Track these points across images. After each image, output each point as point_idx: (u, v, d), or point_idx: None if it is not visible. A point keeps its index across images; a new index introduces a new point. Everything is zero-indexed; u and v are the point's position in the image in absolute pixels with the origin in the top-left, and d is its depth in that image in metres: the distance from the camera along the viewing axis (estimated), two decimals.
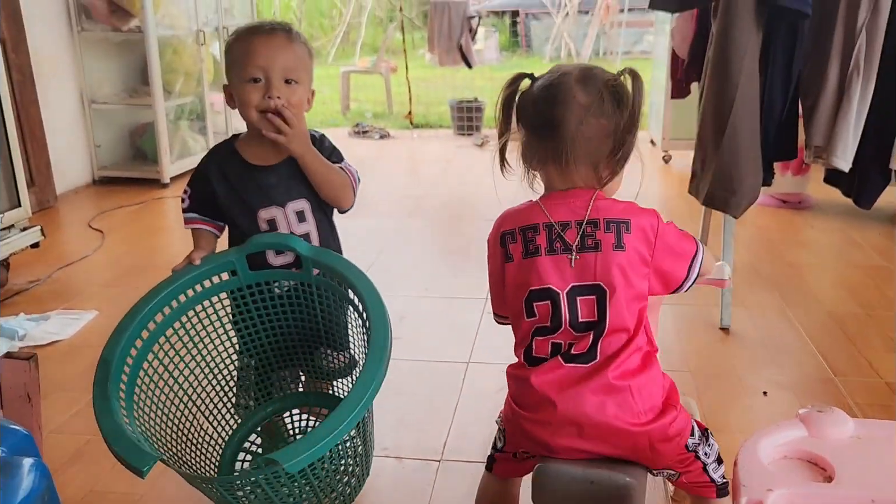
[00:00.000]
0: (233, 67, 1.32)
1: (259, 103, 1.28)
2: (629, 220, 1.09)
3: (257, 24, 1.33)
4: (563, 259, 1.08)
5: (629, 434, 1.02)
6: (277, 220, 1.36)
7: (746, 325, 2.30)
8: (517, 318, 1.11)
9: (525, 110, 1.15)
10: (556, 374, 1.05)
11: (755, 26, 1.91)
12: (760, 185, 2.02)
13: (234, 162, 1.36)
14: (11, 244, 2.61)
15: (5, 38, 3.25)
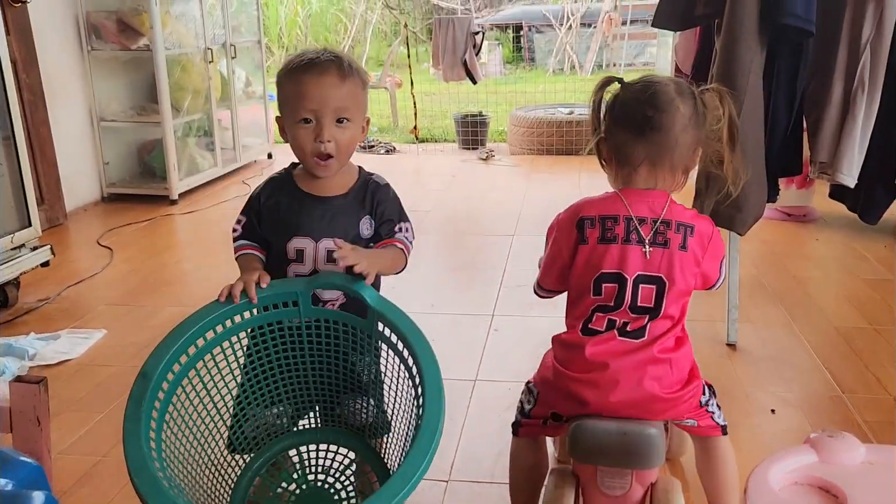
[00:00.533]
0: (284, 105, 1.30)
1: (312, 147, 1.27)
2: (694, 225, 1.27)
3: (309, 59, 1.28)
4: (636, 249, 1.24)
5: (662, 399, 1.22)
6: (305, 253, 1.33)
7: (753, 341, 2.30)
8: (581, 294, 1.27)
9: (626, 111, 1.29)
10: (610, 344, 1.23)
11: (759, 44, 1.93)
12: (765, 202, 2.03)
13: (288, 188, 1.36)
14: (22, 263, 2.63)
15: (17, 58, 3.29)
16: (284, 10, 11.35)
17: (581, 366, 1.24)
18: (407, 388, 1.22)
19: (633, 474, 1.25)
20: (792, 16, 1.81)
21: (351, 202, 1.34)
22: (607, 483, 1.26)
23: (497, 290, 2.76)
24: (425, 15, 12.04)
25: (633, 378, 1.21)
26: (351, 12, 11.71)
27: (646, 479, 1.26)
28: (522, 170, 4.66)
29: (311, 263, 1.32)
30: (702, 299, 2.60)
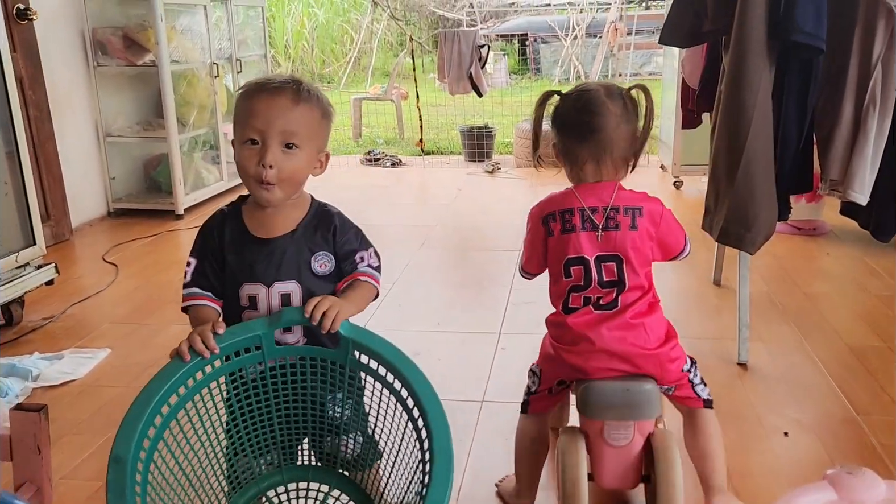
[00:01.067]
0: (235, 125, 1.24)
1: (254, 170, 1.20)
2: (642, 206, 1.46)
3: (265, 80, 1.23)
4: (592, 235, 1.44)
5: (644, 356, 1.41)
6: (259, 299, 1.26)
7: (764, 361, 2.26)
8: (557, 279, 1.49)
9: (566, 119, 1.48)
10: (588, 317, 1.43)
11: (768, 61, 1.90)
12: (776, 221, 2.00)
13: (234, 227, 1.28)
14: (26, 282, 2.62)
15: (23, 75, 3.29)
16: (291, 21, 11.39)
17: (569, 339, 1.45)
18: (398, 414, 1.20)
19: (634, 426, 1.44)
20: (802, 33, 1.79)
21: (299, 240, 1.27)
22: (613, 435, 1.45)
23: (504, 307, 2.73)
24: (431, 26, 12.06)
25: (613, 342, 1.41)
26: (357, 24, 11.75)
27: (645, 430, 1.45)
28: (529, 182, 4.64)
29: (266, 309, 1.26)
30: (711, 317, 2.57)
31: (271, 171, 1.19)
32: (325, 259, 1.29)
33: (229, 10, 4.37)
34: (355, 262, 1.31)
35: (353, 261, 1.31)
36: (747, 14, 1.84)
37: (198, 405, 1.20)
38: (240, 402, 1.24)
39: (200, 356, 1.16)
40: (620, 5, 10.32)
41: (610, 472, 1.48)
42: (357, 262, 1.31)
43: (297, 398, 1.26)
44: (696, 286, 2.87)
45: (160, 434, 1.13)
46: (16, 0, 3.28)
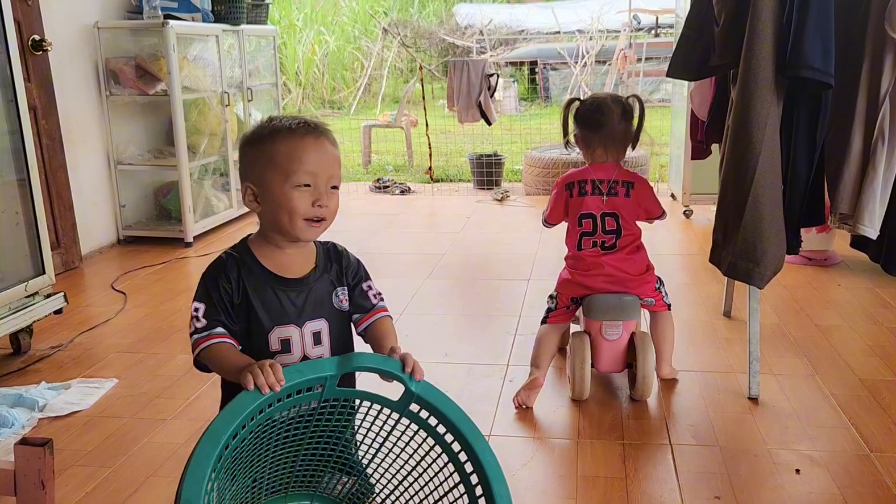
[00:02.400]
0: (274, 168, 1.21)
1: (307, 211, 1.21)
2: (634, 182, 2.19)
3: (300, 123, 1.24)
4: (599, 199, 2.16)
5: (632, 279, 2.15)
6: (292, 341, 1.26)
7: (775, 395, 2.24)
8: (573, 228, 2.20)
9: (583, 117, 2.18)
10: (595, 256, 2.17)
11: (775, 96, 1.90)
12: (784, 255, 1.99)
13: (254, 270, 1.25)
14: (35, 311, 2.63)
15: (36, 105, 3.33)
16: (302, 48, 11.52)
17: (584, 267, 2.18)
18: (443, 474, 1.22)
19: (623, 324, 2.15)
20: (810, 69, 1.79)
21: (323, 276, 1.30)
22: (608, 332, 2.15)
23: (512, 338, 2.71)
24: (441, 53, 12.17)
25: (613, 270, 2.14)
26: (367, 51, 11.87)
27: (629, 328, 2.16)
28: (538, 211, 4.62)
29: (300, 351, 1.26)
30: (722, 350, 2.55)
31: (323, 210, 1.23)
32: (343, 294, 1.32)
33: (241, 40, 4.42)
34: (369, 297, 1.35)
35: (366, 294, 1.35)
36: (755, 50, 1.84)
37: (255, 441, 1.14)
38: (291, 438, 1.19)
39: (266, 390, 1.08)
40: (630, 33, 10.40)
41: (605, 361, 2.19)
42: (372, 298, 1.35)
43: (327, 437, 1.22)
44: (707, 318, 2.84)
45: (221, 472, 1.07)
46: (31, 31, 3.33)
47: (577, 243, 2.19)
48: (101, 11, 3.89)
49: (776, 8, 1.88)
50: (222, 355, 1.19)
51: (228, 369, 1.17)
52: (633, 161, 5.02)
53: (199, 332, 1.21)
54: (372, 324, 1.34)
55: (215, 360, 1.20)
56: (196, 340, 1.21)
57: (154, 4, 3.85)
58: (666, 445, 1.99)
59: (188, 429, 2.13)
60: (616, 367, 2.20)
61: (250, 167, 1.25)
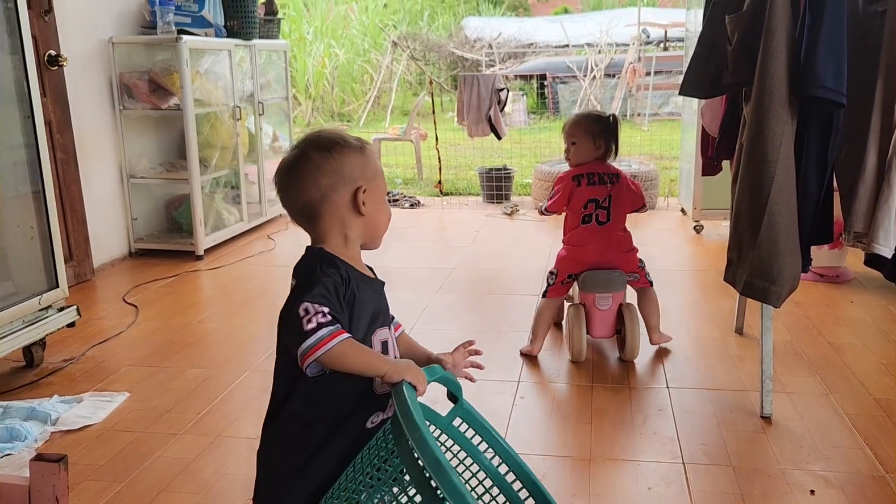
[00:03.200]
0: (380, 179, 1.30)
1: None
2: (619, 174, 2.66)
3: (354, 137, 1.30)
4: (600, 187, 2.62)
5: (620, 254, 2.62)
6: (389, 344, 1.27)
7: (789, 414, 2.22)
8: (577, 211, 2.63)
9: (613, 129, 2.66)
10: (593, 228, 2.62)
11: (789, 115, 1.90)
12: (800, 274, 1.98)
13: (352, 272, 1.22)
14: (48, 325, 2.64)
15: (51, 119, 3.36)
16: (312, 61, 11.60)
17: (577, 242, 2.64)
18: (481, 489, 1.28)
19: (612, 296, 2.59)
20: (823, 88, 1.79)
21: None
22: (600, 302, 2.59)
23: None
24: (450, 66, 12.23)
25: (605, 246, 2.60)
26: (377, 63, 11.94)
27: (618, 300, 2.61)
28: (547, 225, 4.64)
29: (393, 351, 1.28)
30: (734, 367, 2.54)
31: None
32: None
33: (253, 54, 4.46)
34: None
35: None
36: (769, 69, 1.84)
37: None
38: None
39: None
40: (639, 46, 10.43)
41: (598, 327, 2.62)
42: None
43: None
44: (718, 335, 2.83)
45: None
46: (48, 47, 3.37)
47: (579, 221, 2.63)
48: (115, 27, 3.93)
49: (789, 27, 1.88)
50: (358, 349, 1.14)
51: (365, 364, 1.13)
52: (643, 175, 5.02)
53: (327, 324, 1.11)
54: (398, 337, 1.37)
55: (349, 355, 1.12)
56: (329, 333, 1.10)
57: (168, 20, 3.89)
58: (679, 464, 1.97)
59: (199, 443, 2.14)
60: (607, 332, 2.65)
61: (360, 171, 1.25)
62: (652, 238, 4.28)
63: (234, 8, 4.23)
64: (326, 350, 1.10)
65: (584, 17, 14.27)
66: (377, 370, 1.14)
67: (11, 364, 2.67)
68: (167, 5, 3.90)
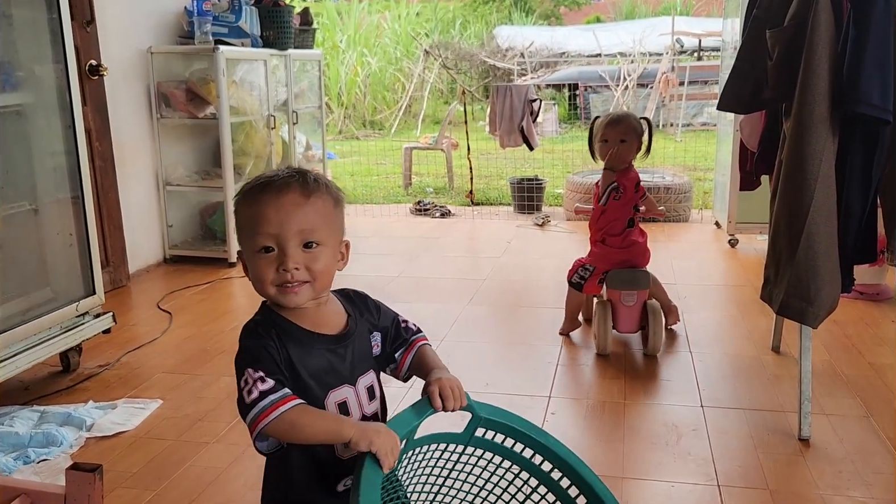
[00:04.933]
0: (242, 234, 1.11)
1: (274, 277, 1.08)
2: (640, 181, 2.81)
3: (267, 179, 1.11)
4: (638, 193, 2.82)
5: (642, 256, 2.81)
6: (349, 403, 1.14)
7: (828, 436, 2.17)
8: (627, 215, 2.78)
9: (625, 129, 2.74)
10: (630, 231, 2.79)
11: (830, 132, 1.86)
12: (839, 295, 1.93)
13: (293, 332, 1.11)
14: (84, 331, 2.68)
15: (91, 128, 3.43)
16: (345, 69, 11.69)
17: (621, 244, 2.79)
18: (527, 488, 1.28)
19: (637, 293, 2.72)
20: (868, 105, 1.75)
21: (360, 325, 1.19)
22: (626, 299, 2.72)
23: (554, 368, 2.68)
24: (481, 75, 12.24)
25: (636, 248, 2.79)
26: (409, 72, 11.99)
27: (643, 297, 2.74)
28: (578, 237, 4.60)
29: (357, 411, 1.16)
30: (771, 387, 2.48)
31: (299, 273, 1.08)
32: (377, 339, 1.23)
33: (288, 64, 4.50)
34: (408, 328, 1.27)
35: (402, 326, 1.26)
36: (810, 85, 1.81)
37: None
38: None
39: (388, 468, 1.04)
40: (672, 56, 10.34)
41: (624, 322, 2.76)
42: (411, 328, 1.27)
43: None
44: (755, 353, 2.78)
45: None
46: (89, 56, 3.43)
47: (625, 225, 2.77)
48: (154, 37, 3.99)
49: (832, 42, 1.85)
50: (312, 416, 1.05)
51: (323, 431, 1.05)
52: (676, 188, 4.96)
53: (269, 392, 1.03)
54: (418, 356, 1.25)
55: (301, 425, 1.03)
56: (271, 403, 1.02)
57: (205, 30, 3.95)
58: (714, 486, 1.93)
59: (230, 453, 2.15)
60: (632, 328, 2.77)
61: (237, 234, 1.15)
62: (686, 251, 4.23)
63: (271, 18, 4.27)
64: (271, 420, 1.02)
65: (616, 25, 14.21)
66: (339, 436, 1.04)
67: (49, 369, 2.71)
68: (205, 16, 3.95)
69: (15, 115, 2.57)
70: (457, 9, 16.09)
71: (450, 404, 1.13)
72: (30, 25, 2.59)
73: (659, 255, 3.95)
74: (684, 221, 4.99)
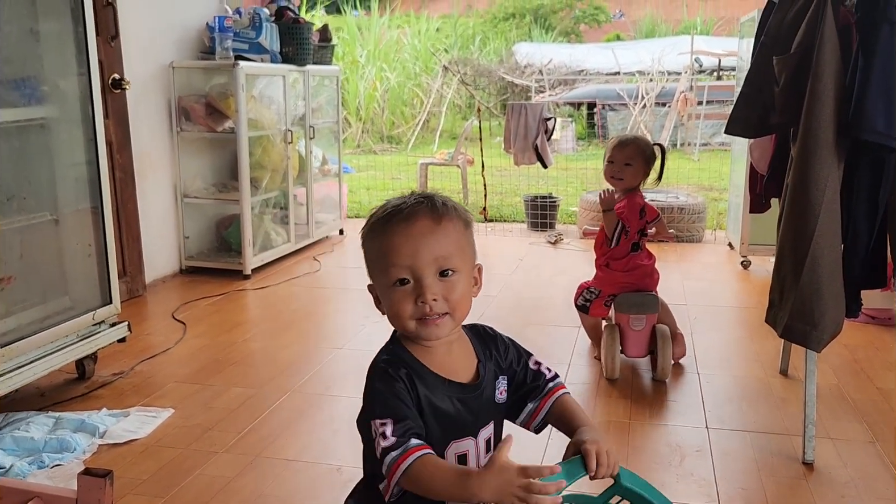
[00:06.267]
0: (373, 267, 1.08)
1: (413, 311, 1.04)
2: (645, 205, 2.76)
3: (394, 207, 1.07)
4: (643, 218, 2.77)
5: (650, 279, 2.77)
6: (469, 456, 1.08)
7: (832, 461, 2.17)
8: (631, 239, 2.74)
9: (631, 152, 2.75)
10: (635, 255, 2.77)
11: (836, 157, 1.88)
12: (843, 319, 1.94)
13: (424, 374, 1.06)
14: (100, 339, 2.74)
15: (112, 140, 3.51)
16: (363, 84, 11.80)
17: (625, 267, 2.76)
18: None
19: (646, 317, 2.70)
20: (873, 132, 1.77)
21: (488, 370, 1.11)
22: (634, 323, 2.70)
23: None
24: (499, 91, 12.31)
25: (641, 271, 2.76)
26: (427, 87, 12.09)
27: (652, 321, 2.72)
28: (591, 256, 4.57)
29: (476, 464, 1.09)
30: (777, 410, 2.49)
31: (437, 304, 1.03)
32: (503, 384, 1.15)
33: (306, 80, 4.57)
34: (543, 374, 1.17)
35: (538, 371, 1.18)
36: (815, 111, 1.83)
37: None
38: None
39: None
40: (691, 75, 10.34)
41: (632, 347, 2.73)
42: (545, 373, 1.18)
43: None
44: (762, 375, 2.78)
45: None
46: (112, 70, 3.52)
47: (629, 249, 2.74)
48: (177, 52, 4.08)
49: (838, 69, 1.87)
50: (436, 468, 0.98)
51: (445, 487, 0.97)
52: (690, 208, 4.97)
53: (391, 449, 0.99)
54: (553, 405, 1.15)
55: (424, 479, 0.98)
56: (393, 460, 0.98)
57: (226, 46, 4.03)
58: None
59: (239, 463, 2.18)
60: (640, 352, 2.75)
61: (367, 267, 1.10)
62: (698, 272, 4.23)
63: (291, 35, 4.35)
64: (399, 475, 0.98)
65: (635, 44, 14.23)
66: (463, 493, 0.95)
67: (65, 376, 2.77)
68: (226, 32, 4.04)
69: (39, 127, 2.65)
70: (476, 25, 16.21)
71: (602, 471, 1.02)
72: (56, 40, 2.67)
73: (670, 276, 3.96)
74: (697, 242, 4.99)
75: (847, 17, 1.94)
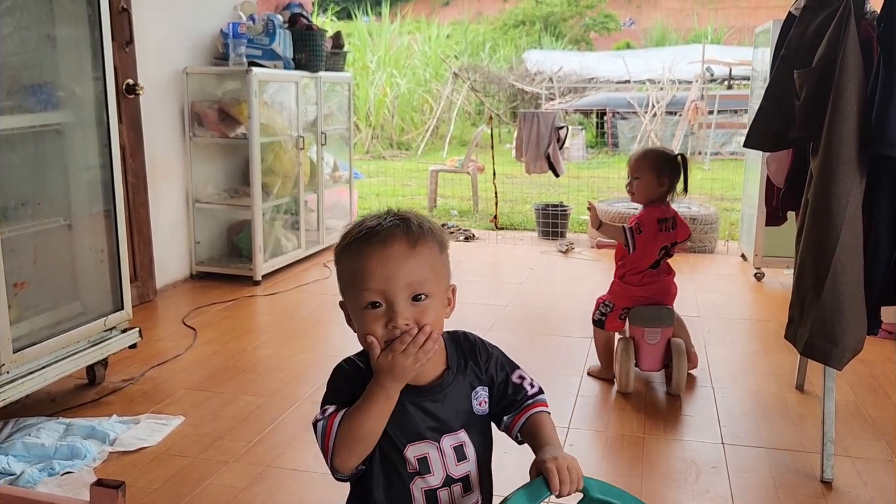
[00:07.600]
0: (346, 287, 1.07)
1: (383, 334, 1.03)
2: (676, 216, 2.73)
3: (369, 229, 1.05)
4: (670, 234, 2.70)
5: (668, 294, 2.74)
6: (430, 459, 1.09)
7: (851, 479, 2.13)
8: (651, 255, 2.69)
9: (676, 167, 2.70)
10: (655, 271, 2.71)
11: (858, 172, 1.86)
12: (865, 337, 1.92)
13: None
14: (111, 345, 2.73)
15: (125, 145, 3.51)
16: (374, 90, 11.82)
17: (641, 282, 2.71)
18: None
19: (661, 331, 2.66)
20: (894, 146, 1.74)
21: (458, 377, 1.12)
22: (649, 337, 2.66)
23: (573, 399, 2.68)
24: (509, 98, 12.31)
25: (659, 286, 2.71)
26: (437, 94, 12.10)
27: (667, 334, 2.68)
28: (602, 265, 4.59)
29: (441, 470, 1.09)
30: (794, 426, 2.45)
31: (407, 329, 1.03)
32: (483, 395, 1.15)
33: (318, 86, 4.57)
34: (525, 389, 1.17)
35: (520, 386, 1.17)
36: (837, 126, 1.81)
37: None
38: None
39: None
40: (702, 84, 10.31)
41: (647, 361, 2.70)
42: (527, 388, 1.17)
43: None
44: (777, 390, 2.75)
45: None
46: (126, 76, 3.52)
47: (648, 265, 2.69)
48: (190, 58, 4.09)
49: (860, 84, 1.85)
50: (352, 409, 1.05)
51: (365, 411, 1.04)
52: (702, 219, 4.94)
53: (318, 420, 1.07)
54: (526, 421, 1.15)
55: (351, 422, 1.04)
56: (328, 418, 1.06)
57: (240, 52, 4.03)
58: None
59: (249, 473, 2.17)
60: (655, 366, 2.71)
61: (339, 286, 1.10)
62: (710, 284, 4.20)
63: (304, 41, 4.35)
64: (334, 439, 1.04)
65: (646, 52, 14.22)
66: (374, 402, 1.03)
67: (75, 381, 2.76)
68: (240, 38, 4.04)
69: (55, 133, 2.65)
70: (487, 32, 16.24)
71: (566, 488, 1.02)
72: (72, 46, 2.68)
73: (684, 287, 3.91)
74: (710, 253, 4.96)
75: (868, 31, 1.92)
